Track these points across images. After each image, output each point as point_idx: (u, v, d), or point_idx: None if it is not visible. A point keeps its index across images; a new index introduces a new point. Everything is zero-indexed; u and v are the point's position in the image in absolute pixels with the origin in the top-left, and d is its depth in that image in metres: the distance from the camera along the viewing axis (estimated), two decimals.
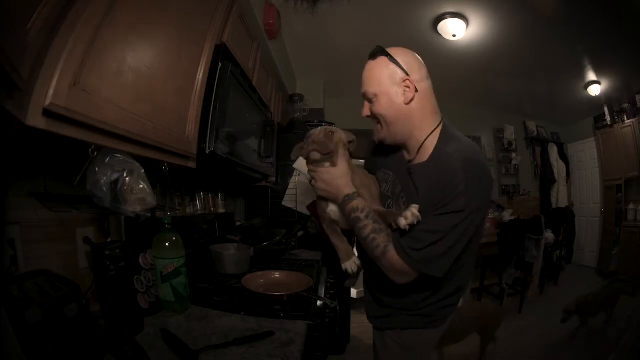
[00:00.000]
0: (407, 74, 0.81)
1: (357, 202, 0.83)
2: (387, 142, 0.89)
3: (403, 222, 0.75)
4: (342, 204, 0.85)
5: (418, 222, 0.74)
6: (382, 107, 0.84)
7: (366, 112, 0.87)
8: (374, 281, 0.99)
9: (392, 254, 0.78)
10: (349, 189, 0.85)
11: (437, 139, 0.83)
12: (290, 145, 2.30)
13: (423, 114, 0.84)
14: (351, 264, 0.93)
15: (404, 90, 0.81)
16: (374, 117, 0.86)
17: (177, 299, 0.98)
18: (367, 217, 0.81)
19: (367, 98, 0.86)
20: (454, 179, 0.73)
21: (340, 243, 0.94)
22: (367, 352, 1.44)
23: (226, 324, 0.93)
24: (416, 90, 0.81)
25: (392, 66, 0.82)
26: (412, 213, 0.75)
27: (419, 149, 0.85)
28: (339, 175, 0.86)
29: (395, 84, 0.82)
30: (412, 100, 0.82)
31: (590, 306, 2.21)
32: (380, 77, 0.83)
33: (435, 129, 0.84)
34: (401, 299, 0.93)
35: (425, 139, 0.84)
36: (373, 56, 0.85)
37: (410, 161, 0.87)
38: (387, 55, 0.83)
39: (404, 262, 0.77)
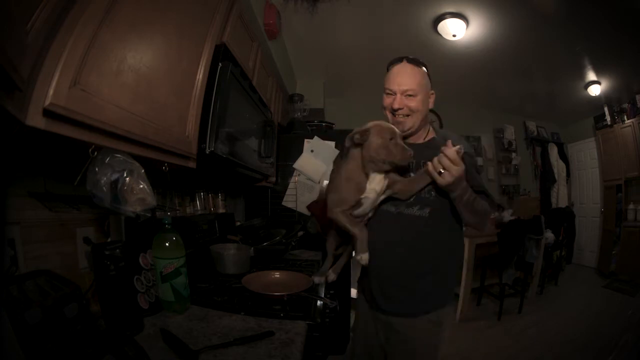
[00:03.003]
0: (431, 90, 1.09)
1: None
2: (411, 131, 1.07)
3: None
4: (465, 188, 0.96)
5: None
6: (421, 104, 1.04)
7: (401, 103, 1.03)
8: (392, 270, 1.05)
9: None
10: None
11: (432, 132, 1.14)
12: (290, 145, 2.34)
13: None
14: (366, 257, 0.98)
15: (431, 99, 1.09)
16: (407, 110, 1.03)
17: (177, 299, 0.98)
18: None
19: (406, 93, 1.02)
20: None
21: (360, 233, 0.98)
22: None
23: (226, 324, 0.93)
24: None
25: (428, 79, 1.07)
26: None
27: (425, 136, 1.11)
28: None
29: (428, 91, 1.07)
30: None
31: None
32: (424, 82, 1.05)
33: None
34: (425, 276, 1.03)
35: (428, 130, 1.13)
36: (418, 64, 1.05)
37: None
38: (427, 69, 1.08)
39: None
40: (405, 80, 1.02)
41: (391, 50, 2.89)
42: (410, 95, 1.02)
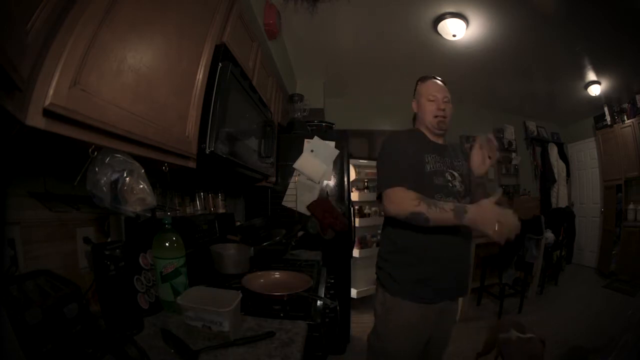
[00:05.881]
0: None
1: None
2: (445, 131, 1.29)
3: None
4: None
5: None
6: (450, 110, 1.28)
7: (444, 106, 1.26)
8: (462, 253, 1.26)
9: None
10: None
11: None
12: (290, 145, 2.34)
13: None
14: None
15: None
16: (445, 113, 1.26)
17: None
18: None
19: (444, 100, 1.26)
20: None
21: None
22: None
23: None
24: None
25: None
26: None
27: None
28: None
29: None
30: None
31: None
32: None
33: None
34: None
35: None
36: (443, 81, 1.31)
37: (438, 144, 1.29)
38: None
39: None
40: (442, 89, 1.28)
41: (391, 50, 2.90)
42: (446, 102, 1.26)
